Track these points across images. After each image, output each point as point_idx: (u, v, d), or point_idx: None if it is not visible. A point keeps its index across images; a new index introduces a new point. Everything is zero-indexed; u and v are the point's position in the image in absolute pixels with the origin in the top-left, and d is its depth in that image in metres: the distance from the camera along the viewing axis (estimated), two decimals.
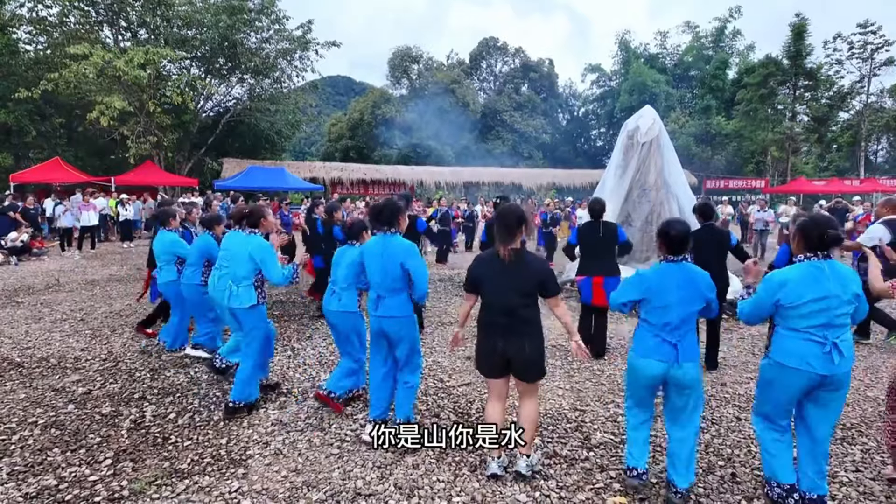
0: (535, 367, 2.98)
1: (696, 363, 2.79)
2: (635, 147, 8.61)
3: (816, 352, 2.55)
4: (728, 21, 41.29)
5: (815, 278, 2.58)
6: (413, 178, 25.73)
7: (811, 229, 2.66)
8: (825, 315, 2.56)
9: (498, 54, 44.69)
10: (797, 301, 2.58)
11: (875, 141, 39.19)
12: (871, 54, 32.50)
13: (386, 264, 3.37)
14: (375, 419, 3.52)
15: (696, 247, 5.12)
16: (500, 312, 2.93)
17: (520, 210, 2.98)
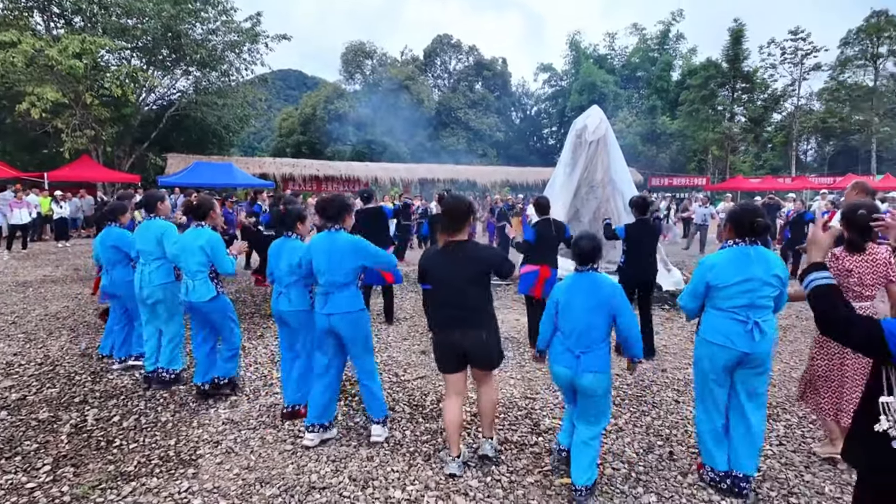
0: (493, 355, 3.04)
1: (600, 374, 2.82)
2: (583, 145, 8.90)
3: (739, 330, 2.77)
4: (671, 24, 43.03)
5: (741, 262, 2.80)
6: (367, 175, 25.52)
7: (741, 217, 2.88)
8: (748, 296, 2.78)
9: (452, 51, 44.84)
10: (724, 283, 2.80)
11: (805, 141, 41.85)
12: (801, 59, 34.71)
13: (333, 260, 3.29)
14: (312, 424, 3.40)
15: (630, 238, 5.44)
16: (454, 306, 2.96)
17: (466, 202, 3.01)
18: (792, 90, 36.26)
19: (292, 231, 3.75)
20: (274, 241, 3.82)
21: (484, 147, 40.81)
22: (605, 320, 2.83)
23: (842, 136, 37.01)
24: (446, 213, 3.02)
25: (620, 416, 3.89)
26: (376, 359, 5.12)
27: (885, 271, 2.97)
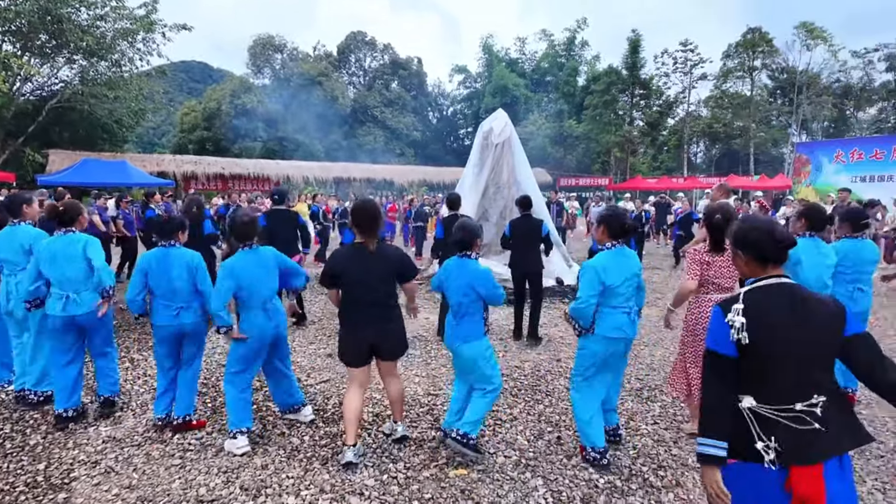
0: (400, 346, 3.31)
1: (470, 343, 3.19)
2: (490, 147, 9.18)
3: (626, 320, 3.13)
4: (577, 32, 45.32)
5: (622, 261, 3.13)
6: (279, 174, 24.60)
7: (614, 221, 3.17)
8: (630, 290, 3.15)
9: (367, 49, 44.39)
10: (616, 282, 3.08)
11: (695, 144, 45.79)
12: (690, 69, 37.88)
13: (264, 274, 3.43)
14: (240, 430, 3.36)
15: (514, 233, 5.76)
16: (369, 303, 3.14)
17: (374, 204, 3.22)
18: (683, 97, 39.52)
19: (174, 239, 3.56)
20: (152, 252, 3.55)
21: (401, 146, 40.85)
22: (475, 296, 3.17)
23: (725, 140, 40.82)
24: (355, 216, 3.17)
25: (516, 406, 4.09)
26: None
27: None
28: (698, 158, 47.66)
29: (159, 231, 3.52)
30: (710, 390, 1.81)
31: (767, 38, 36.30)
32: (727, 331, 1.74)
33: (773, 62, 38.11)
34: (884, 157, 18.82)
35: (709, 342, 1.84)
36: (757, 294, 1.76)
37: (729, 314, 1.73)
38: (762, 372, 1.73)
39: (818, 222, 3.75)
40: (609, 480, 3.05)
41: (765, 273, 1.82)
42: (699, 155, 47.92)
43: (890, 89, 35.84)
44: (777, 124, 39.93)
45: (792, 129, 38.44)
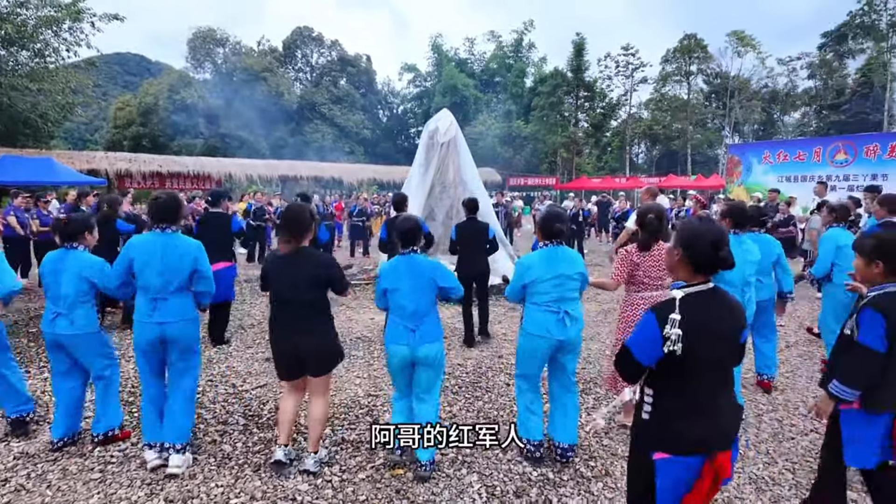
0: (327, 361, 3.08)
1: (436, 342, 3.08)
2: (436, 147, 9.20)
3: (553, 320, 3.14)
4: (524, 34, 46.09)
5: (551, 261, 3.20)
6: (220, 172, 23.69)
7: (546, 222, 3.26)
8: (559, 290, 3.17)
9: (313, 45, 43.50)
10: (539, 279, 3.16)
11: (637, 145, 47.58)
12: (631, 73, 39.36)
13: (167, 264, 3.08)
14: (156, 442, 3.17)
15: (460, 237, 5.80)
16: (292, 309, 2.99)
17: (307, 209, 3.06)
18: (625, 100, 41.06)
19: (77, 242, 3.35)
20: (49, 254, 3.35)
21: (351, 144, 40.31)
22: (432, 293, 3.10)
23: (665, 141, 42.61)
24: (286, 220, 3.03)
25: (456, 404, 4.12)
26: (214, 370, 4.86)
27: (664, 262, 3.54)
28: (640, 159, 49.52)
29: (60, 233, 3.32)
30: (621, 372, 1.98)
31: (702, 45, 38.22)
32: (657, 342, 1.78)
33: (707, 67, 40.16)
34: (806, 159, 20.12)
35: (631, 344, 1.89)
36: (692, 301, 1.80)
37: (666, 326, 1.76)
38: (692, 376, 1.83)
39: (740, 220, 3.98)
40: (542, 473, 3.12)
41: (695, 279, 1.88)
42: (641, 156, 49.79)
43: (811, 95, 38.45)
44: (712, 126, 42.07)
45: (725, 132, 40.64)
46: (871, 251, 2.33)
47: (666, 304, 1.82)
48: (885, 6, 31.61)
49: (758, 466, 3.20)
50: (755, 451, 3.38)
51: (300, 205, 3.11)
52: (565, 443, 3.21)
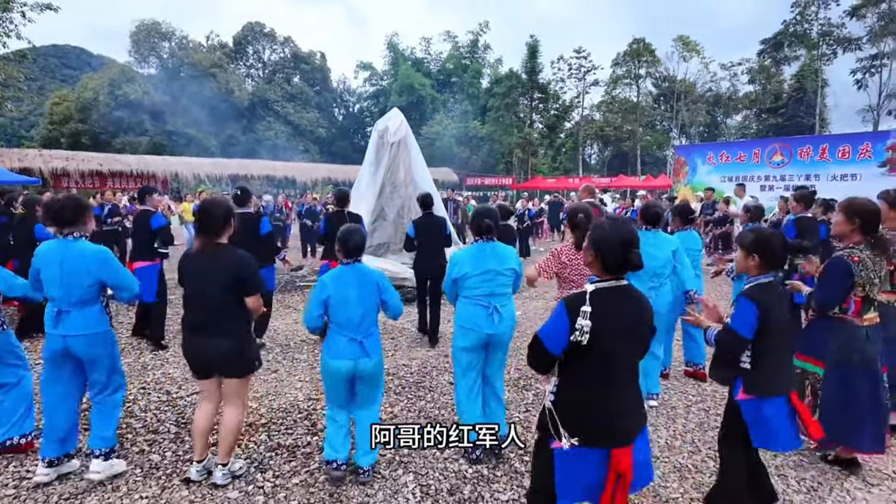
0: (240, 365, 2.93)
1: (378, 355, 3.02)
2: (386, 146, 9.15)
3: (482, 314, 3.20)
4: (480, 34, 46.45)
5: (480, 257, 3.26)
6: (166, 170, 22.75)
7: (475, 219, 3.33)
8: (488, 285, 3.23)
9: (265, 41, 42.47)
10: (468, 274, 3.22)
11: (589, 146, 48.81)
12: (583, 75, 40.33)
13: (66, 273, 2.86)
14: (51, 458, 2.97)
15: (418, 233, 5.81)
16: (203, 311, 2.87)
17: (224, 204, 2.96)
18: (578, 102, 42.03)
19: None
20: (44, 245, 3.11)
21: (305, 143, 39.60)
22: (377, 306, 3.03)
23: (616, 142, 43.93)
24: (199, 216, 2.91)
25: (398, 404, 4.12)
26: (148, 377, 4.68)
27: None
28: (593, 159, 50.82)
29: None
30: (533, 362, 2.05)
31: (650, 49, 39.57)
32: (565, 331, 1.89)
33: (656, 71, 41.60)
34: (746, 160, 21.11)
35: (542, 334, 1.98)
36: (602, 296, 1.91)
37: (578, 318, 1.85)
38: (595, 367, 1.91)
39: (651, 218, 4.15)
40: (477, 470, 3.16)
41: (607, 276, 1.97)
42: (593, 156, 51.11)
43: (752, 99, 40.45)
44: (661, 128, 43.66)
45: (673, 133, 42.22)
46: (749, 245, 2.51)
47: (577, 297, 1.91)
48: (816, 16, 33.59)
49: (682, 455, 3.34)
50: (681, 441, 3.53)
51: (214, 199, 2.99)
52: (491, 420, 3.31)
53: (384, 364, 3.19)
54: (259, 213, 6.14)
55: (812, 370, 3.11)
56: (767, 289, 2.48)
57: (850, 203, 3.06)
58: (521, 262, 3.43)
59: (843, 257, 2.93)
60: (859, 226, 2.97)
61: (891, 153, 15.98)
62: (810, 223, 5.54)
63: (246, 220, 5.48)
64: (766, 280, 2.51)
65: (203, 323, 2.86)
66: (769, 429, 2.46)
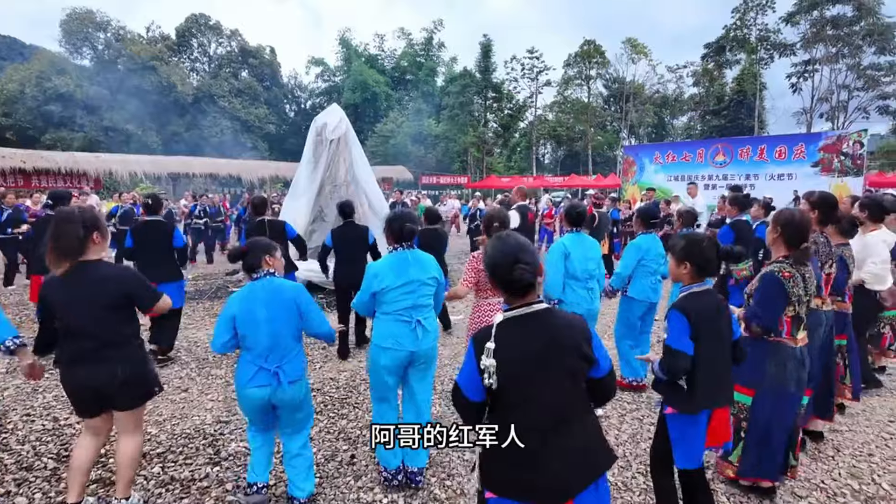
0: (134, 395, 2.57)
1: (301, 381, 2.68)
2: (324, 143, 8.75)
3: (405, 330, 2.89)
4: (434, 32, 46.23)
5: (401, 266, 2.93)
6: (99, 168, 21.36)
7: (392, 224, 3.03)
8: (410, 298, 2.92)
9: (211, 34, 40.78)
10: (389, 287, 2.89)
11: (543, 146, 49.37)
12: (536, 75, 40.68)
13: None
14: None
15: (336, 244, 5.41)
16: (83, 337, 2.43)
17: (79, 217, 2.45)
18: (531, 102, 42.38)
19: None
20: None
21: (254, 139, 38.28)
22: (295, 324, 2.64)
23: (568, 142, 44.58)
24: (53, 236, 2.42)
25: (318, 424, 3.78)
26: (37, 401, 4.17)
27: None
28: (546, 159, 51.49)
29: None
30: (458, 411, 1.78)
31: (601, 51, 40.30)
32: (476, 372, 1.61)
33: (606, 72, 42.44)
34: (690, 160, 21.68)
35: (459, 379, 1.70)
36: (510, 327, 1.62)
37: (483, 357, 1.58)
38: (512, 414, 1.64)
39: (575, 219, 3.99)
40: (393, 500, 2.88)
41: (515, 301, 1.69)
42: (547, 156, 51.77)
43: (696, 101, 41.85)
44: (611, 129, 44.58)
45: (623, 134, 43.20)
46: (680, 252, 2.34)
47: (483, 332, 1.64)
48: (755, 22, 35.08)
49: (612, 472, 3.16)
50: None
51: (66, 214, 2.48)
52: (414, 466, 2.97)
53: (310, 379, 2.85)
54: (172, 223, 5.66)
55: (739, 400, 2.82)
56: (700, 298, 2.31)
57: (778, 213, 2.94)
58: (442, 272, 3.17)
59: (774, 273, 2.72)
60: (781, 235, 2.83)
61: (822, 154, 16.71)
62: (746, 226, 5.54)
63: (157, 230, 5.03)
64: (699, 288, 2.34)
65: (86, 352, 2.44)
66: (692, 447, 2.30)
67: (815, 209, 3.48)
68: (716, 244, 2.35)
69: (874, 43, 29.92)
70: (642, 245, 4.41)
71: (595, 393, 1.75)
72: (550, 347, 1.62)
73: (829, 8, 30.98)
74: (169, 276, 4.88)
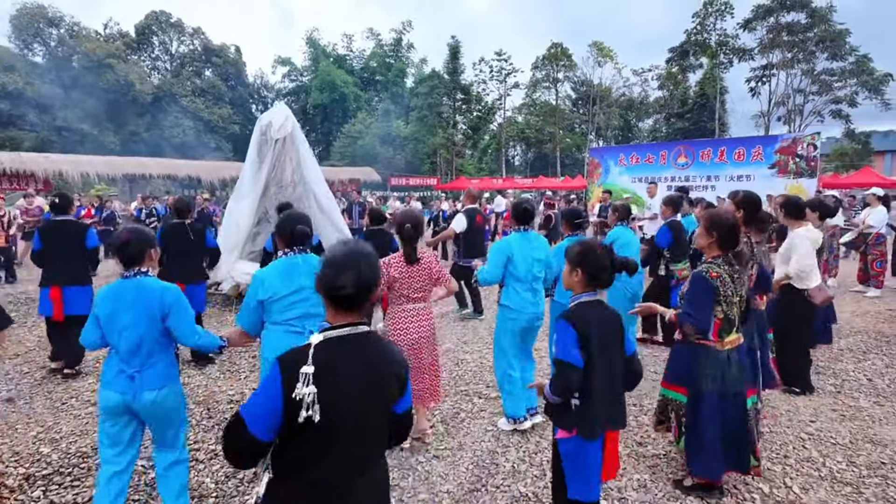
0: None
1: (166, 388, 2.44)
2: (269, 143, 8.49)
3: (297, 342, 2.66)
4: (403, 33, 46.04)
5: (291, 272, 2.73)
6: (48, 170, 20.44)
7: (284, 226, 2.85)
8: (303, 306, 2.72)
9: (172, 31, 39.71)
10: (276, 295, 2.68)
11: (512, 147, 49.65)
12: (504, 77, 40.83)
13: None
14: None
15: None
16: None
17: None
18: (500, 104, 42.53)
19: None
20: None
21: (217, 140, 37.37)
22: (160, 329, 2.42)
23: (537, 144, 44.92)
24: None
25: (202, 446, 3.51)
26: None
27: (430, 275, 3.32)
28: (516, 160, 51.81)
29: None
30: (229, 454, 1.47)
31: (568, 53, 40.73)
32: (278, 403, 1.34)
33: (574, 75, 42.91)
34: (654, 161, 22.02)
35: (245, 412, 1.40)
36: (328, 349, 1.38)
37: (298, 384, 1.31)
38: (326, 447, 1.39)
39: (521, 216, 3.87)
40: None
41: (341, 318, 1.46)
42: (517, 157, 52.10)
43: (661, 104, 42.65)
44: (579, 131, 45.09)
45: (591, 137, 43.73)
46: (574, 258, 2.22)
47: (296, 355, 1.38)
48: (714, 27, 35.93)
49: (525, 482, 3.05)
50: (528, 464, 3.24)
51: None
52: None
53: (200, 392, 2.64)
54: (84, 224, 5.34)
55: (674, 398, 2.87)
56: (590, 308, 2.19)
57: (709, 215, 2.88)
58: None
59: (703, 273, 2.71)
60: (716, 239, 2.79)
61: (778, 156, 17.14)
62: (682, 227, 5.55)
63: (67, 230, 4.73)
64: (588, 298, 2.22)
65: None
66: (588, 476, 2.17)
67: (741, 209, 3.45)
68: (610, 253, 2.24)
69: (826, 49, 30.95)
70: None
71: (393, 433, 1.59)
72: (373, 377, 1.43)
73: (784, 15, 31.93)
74: (79, 279, 4.59)
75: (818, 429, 3.73)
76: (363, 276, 1.43)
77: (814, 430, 3.71)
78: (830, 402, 4.22)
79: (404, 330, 3.27)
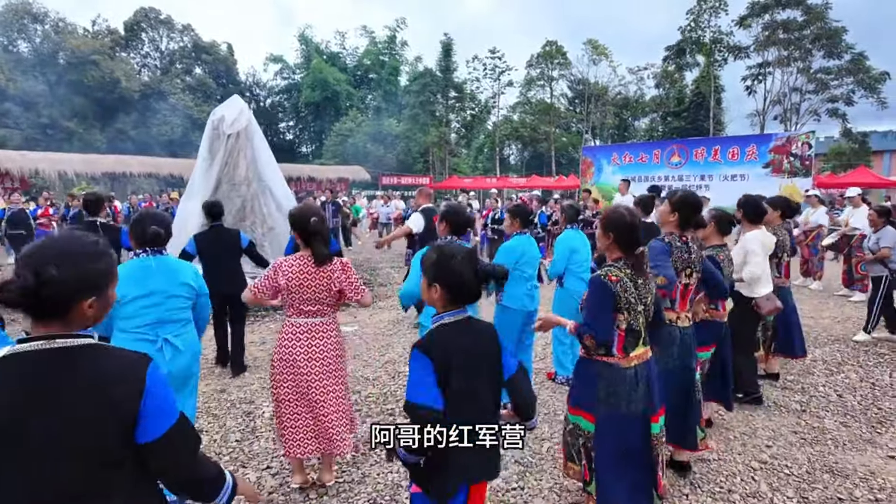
0: None
1: None
2: (221, 138, 8.07)
3: (150, 351, 2.34)
4: (397, 31, 45.56)
5: (142, 275, 2.47)
6: (24, 168, 20.06)
7: (137, 225, 2.53)
8: (155, 311, 2.46)
9: (162, 28, 39.28)
10: (124, 299, 2.40)
11: (507, 146, 49.16)
12: (498, 76, 40.38)
13: None
14: None
15: (201, 250, 4.69)
16: None
17: None
18: (494, 102, 42.08)
19: None
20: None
21: None
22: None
23: (532, 143, 44.43)
24: None
25: None
26: None
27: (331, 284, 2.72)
28: (511, 159, 51.32)
29: None
30: None
31: (562, 52, 40.24)
32: None
33: (569, 73, 42.42)
34: (647, 161, 21.60)
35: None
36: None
37: None
38: None
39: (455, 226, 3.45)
40: None
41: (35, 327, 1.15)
42: (512, 156, 51.62)
43: (657, 103, 42.18)
44: (575, 130, 44.61)
45: (587, 136, 43.27)
46: (430, 269, 1.77)
47: None
48: (708, 24, 35.44)
49: None
50: None
51: None
52: None
53: None
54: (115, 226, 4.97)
55: (585, 427, 2.41)
56: (454, 330, 1.73)
57: (605, 214, 2.48)
58: None
59: (601, 277, 2.30)
60: (614, 241, 2.38)
61: (773, 155, 16.71)
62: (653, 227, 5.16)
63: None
64: (452, 318, 1.76)
65: None
66: None
67: (675, 211, 3.01)
68: (474, 261, 1.78)
69: (822, 47, 30.48)
70: (516, 248, 3.89)
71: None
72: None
73: (780, 12, 31.45)
74: None
75: (773, 455, 3.29)
76: (46, 277, 1.09)
77: (768, 456, 3.28)
78: (793, 422, 3.78)
79: (288, 351, 2.68)
